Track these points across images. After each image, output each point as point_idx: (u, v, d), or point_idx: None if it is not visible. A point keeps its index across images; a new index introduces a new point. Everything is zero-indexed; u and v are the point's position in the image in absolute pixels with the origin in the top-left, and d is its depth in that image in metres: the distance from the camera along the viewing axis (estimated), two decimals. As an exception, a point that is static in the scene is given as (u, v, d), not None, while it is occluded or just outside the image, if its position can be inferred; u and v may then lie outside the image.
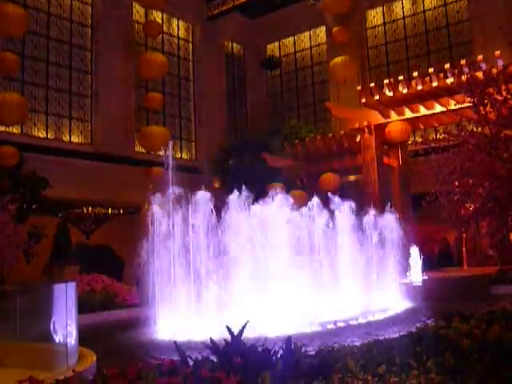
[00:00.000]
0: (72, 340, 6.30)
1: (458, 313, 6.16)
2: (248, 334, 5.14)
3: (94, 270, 17.39)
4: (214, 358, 4.48)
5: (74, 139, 26.32)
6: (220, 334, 5.45)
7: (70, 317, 6.35)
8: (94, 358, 6.42)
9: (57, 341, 6.22)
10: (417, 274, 18.23)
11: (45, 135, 25.21)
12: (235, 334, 4.87)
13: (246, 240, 12.19)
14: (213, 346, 4.69)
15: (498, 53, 17.69)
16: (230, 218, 12.16)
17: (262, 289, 11.92)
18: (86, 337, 7.05)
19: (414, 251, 18.85)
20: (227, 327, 5.05)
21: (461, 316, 5.98)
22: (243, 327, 5.03)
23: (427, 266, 18.82)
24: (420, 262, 18.54)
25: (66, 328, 6.24)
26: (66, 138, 26.01)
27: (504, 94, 8.70)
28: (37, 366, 5.67)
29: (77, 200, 24.69)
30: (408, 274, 18.21)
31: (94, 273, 16.67)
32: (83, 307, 12.60)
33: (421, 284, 17.04)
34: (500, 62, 16.87)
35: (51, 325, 6.20)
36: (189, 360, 4.41)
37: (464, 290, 15.30)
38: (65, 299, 6.37)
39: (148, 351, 8.85)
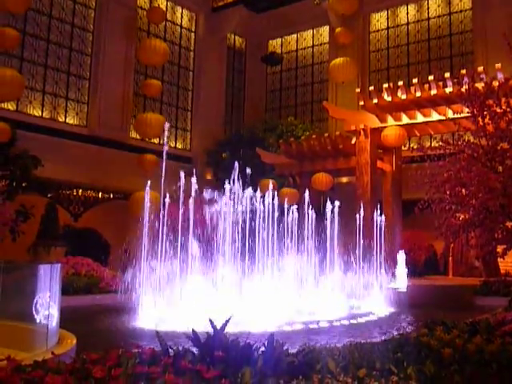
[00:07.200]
0: (53, 322, 6.24)
1: (441, 322, 6.15)
2: (231, 329, 5.11)
3: (79, 253, 17.33)
4: (195, 350, 4.44)
5: (69, 120, 26.17)
6: (204, 327, 5.43)
7: (53, 298, 6.28)
8: (74, 341, 6.36)
9: (38, 321, 6.16)
10: (402, 280, 18.29)
11: (40, 114, 25.05)
12: (218, 327, 4.84)
13: (234, 232, 12.18)
14: (194, 337, 4.65)
15: (498, 65, 17.74)
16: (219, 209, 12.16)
17: (248, 282, 11.94)
18: (68, 319, 7.00)
19: (401, 257, 18.92)
20: (210, 320, 5.01)
21: (443, 325, 5.97)
22: (226, 321, 4.99)
23: (413, 272, 18.88)
24: (406, 269, 18.60)
25: (48, 309, 6.18)
26: (61, 118, 25.85)
27: (504, 106, 8.70)
28: (16, 345, 5.60)
29: (67, 182, 24.58)
30: (393, 279, 18.27)
31: (79, 256, 16.59)
32: (66, 289, 12.58)
33: (405, 290, 17.08)
34: (500, 75, 16.91)
35: (33, 305, 6.14)
36: (170, 350, 4.37)
37: (448, 299, 15.36)
38: (49, 280, 6.32)
39: (129, 338, 8.79)
